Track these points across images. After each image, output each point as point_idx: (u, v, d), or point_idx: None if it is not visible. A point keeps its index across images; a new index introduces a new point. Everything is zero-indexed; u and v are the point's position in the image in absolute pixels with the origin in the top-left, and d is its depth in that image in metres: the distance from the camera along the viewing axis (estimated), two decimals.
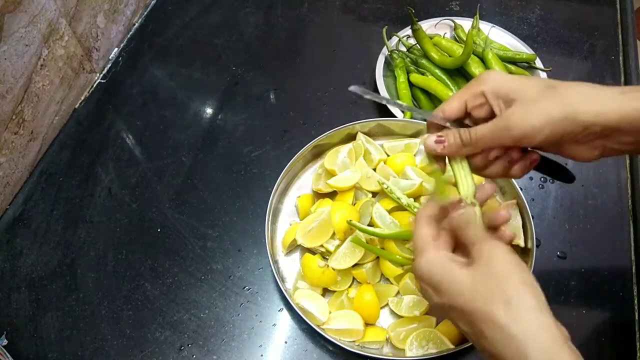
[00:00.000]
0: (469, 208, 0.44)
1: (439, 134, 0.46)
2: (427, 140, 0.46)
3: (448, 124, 0.46)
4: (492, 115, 0.44)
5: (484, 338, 0.36)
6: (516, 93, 0.42)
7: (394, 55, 0.81)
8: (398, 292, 0.61)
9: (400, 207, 0.63)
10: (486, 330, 0.36)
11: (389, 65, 0.83)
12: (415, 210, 0.61)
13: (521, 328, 0.35)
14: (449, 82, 0.78)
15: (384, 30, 0.83)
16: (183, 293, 0.64)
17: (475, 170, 0.47)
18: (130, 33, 0.95)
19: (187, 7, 0.99)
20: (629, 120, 0.40)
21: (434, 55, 0.79)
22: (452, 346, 0.54)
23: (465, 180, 0.46)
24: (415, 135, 0.73)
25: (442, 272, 0.40)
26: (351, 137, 0.72)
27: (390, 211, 0.63)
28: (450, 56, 0.80)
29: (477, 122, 0.45)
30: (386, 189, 0.63)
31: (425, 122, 0.71)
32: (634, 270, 0.63)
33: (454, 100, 0.45)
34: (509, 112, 0.42)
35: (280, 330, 0.61)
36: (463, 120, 0.46)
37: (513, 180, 0.64)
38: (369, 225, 0.61)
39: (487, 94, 0.43)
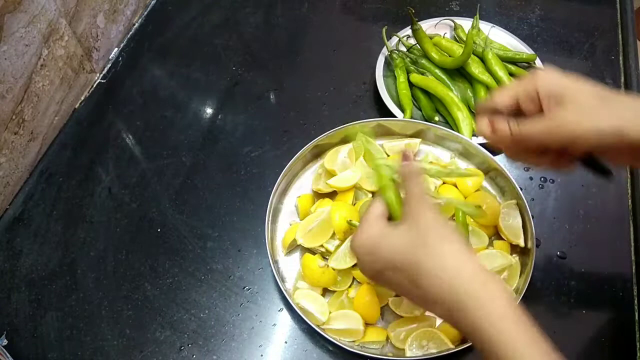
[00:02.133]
0: (416, 163, 0.47)
1: (491, 119, 0.48)
2: (479, 123, 0.48)
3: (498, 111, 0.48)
4: (539, 111, 0.45)
5: (421, 282, 0.41)
6: (569, 96, 0.43)
7: (394, 55, 0.81)
8: None
9: None
10: (421, 277, 0.41)
11: (389, 65, 0.83)
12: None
13: (450, 264, 0.40)
14: (449, 82, 0.78)
15: (384, 30, 0.83)
16: (183, 293, 0.64)
17: (520, 156, 0.49)
18: (130, 33, 0.95)
19: (187, 7, 0.99)
20: None
21: (434, 55, 0.79)
22: (452, 346, 0.54)
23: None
24: (415, 135, 0.73)
25: (378, 235, 0.44)
26: (351, 137, 0.72)
27: None
28: (450, 56, 0.80)
29: (523, 115, 0.47)
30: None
31: (425, 123, 0.72)
32: (634, 270, 0.63)
33: (506, 92, 0.47)
34: (562, 115, 0.43)
35: (280, 330, 0.61)
36: (511, 113, 0.48)
37: (513, 180, 0.64)
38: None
39: (540, 92, 0.45)
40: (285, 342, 0.60)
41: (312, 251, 0.63)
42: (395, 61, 0.81)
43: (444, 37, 0.83)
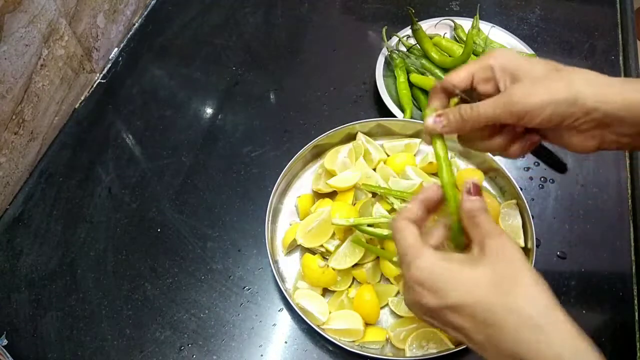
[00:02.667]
0: (476, 198, 0.42)
1: (439, 112, 0.45)
2: (427, 120, 0.45)
3: (457, 91, 0.46)
4: (496, 92, 0.44)
5: (501, 331, 0.35)
6: (523, 71, 0.42)
7: (394, 55, 0.81)
8: (398, 292, 0.61)
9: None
10: (508, 322, 0.35)
11: (389, 65, 0.83)
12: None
13: (546, 321, 0.35)
14: None
15: (384, 30, 0.83)
16: (183, 293, 0.64)
17: (473, 142, 0.47)
18: (130, 33, 0.95)
19: (187, 7, 0.99)
20: (631, 108, 0.40)
21: (434, 55, 0.79)
22: (452, 346, 0.54)
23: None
24: (415, 135, 0.73)
25: (446, 273, 0.39)
26: (351, 137, 0.72)
27: (390, 211, 0.62)
28: (450, 56, 0.80)
29: (481, 98, 0.45)
30: (382, 192, 0.63)
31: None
32: (634, 270, 0.63)
33: (462, 70, 0.46)
34: (513, 87, 0.42)
35: (280, 330, 0.61)
36: (469, 91, 0.46)
37: (513, 180, 0.64)
38: (368, 225, 0.61)
39: (495, 68, 0.44)
40: (285, 342, 0.60)
41: (312, 251, 0.63)
42: (395, 61, 0.81)
43: (444, 37, 0.83)
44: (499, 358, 0.36)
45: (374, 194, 0.66)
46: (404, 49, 0.84)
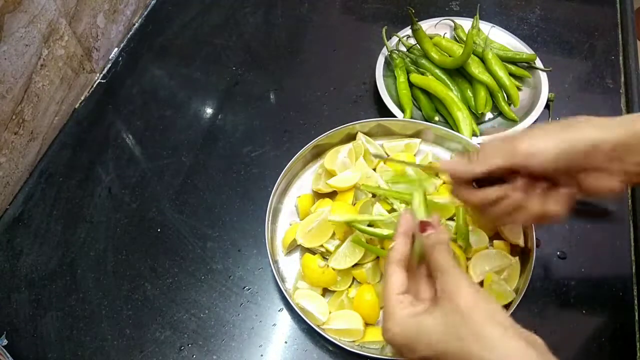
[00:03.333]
0: (441, 230, 0.44)
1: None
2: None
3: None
4: None
5: None
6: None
7: (394, 55, 0.81)
8: None
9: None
10: None
11: (389, 65, 0.83)
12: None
13: (496, 356, 0.36)
14: (448, 82, 0.78)
15: (384, 30, 0.83)
16: (183, 293, 0.64)
17: (514, 216, 0.48)
18: (130, 33, 0.95)
19: (187, 7, 0.99)
20: (636, 136, 0.41)
21: (434, 55, 0.79)
22: None
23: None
24: (415, 135, 0.73)
25: (414, 328, 0.40)
26: (351, 137, 0.72)
27: (390, 211, 0.62)
28: (450, 56, 0.80)
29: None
30: (381, 194, 0.63)
31: (425, 123, 0.72)
32: (634, 271, 0.63)
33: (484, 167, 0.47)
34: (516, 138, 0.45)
35: (280, 330, 0.61)
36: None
37: None
38: (369, 225, 0.61)
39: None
40: (285, 342, 0.60)
41: (312, 251, 0.63)
42: (395, 61, 0.81)
43: (444, 37, 0.83)
44: None
45: (374, 194, 0.66)
46: (404, 49, 0.84)
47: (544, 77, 0.78)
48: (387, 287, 0.43)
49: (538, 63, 0.80)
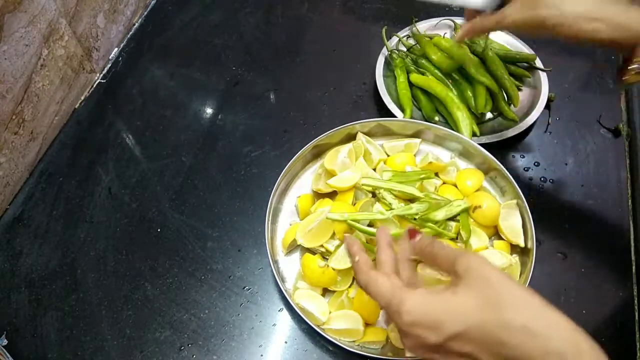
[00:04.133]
0: (418, 238, 0.44)
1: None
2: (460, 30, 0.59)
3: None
4: None
5: (506, 346, 0.36)
6: None
7: (394, 55, 0.81)
8: None
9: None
10: (509, 337, 0.35)
11: (389, 65, 0.83)
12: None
13: (543, 323, 0.35)
14: (448, 82, 0.78)
15: (384, 30, 0.83)
16: (183, 293, 0.64)
17: None
18: (130, 33, 0.95)
19: (187, 7, 0.99)
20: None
21: (434, 57, 0.79)
22: None
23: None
24: (415, 135, 0.73)
25: (439, 306, 0.39)
26: (351, 137, 0.72)
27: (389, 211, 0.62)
28: (451, 58, 0.80)
29: None
30: (379, 194, 0.63)
31: (425, 123, 0.72)
32: (634, 270, 0.63)
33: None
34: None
35: (280, 330, 0.61)
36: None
37: (513, 180, 0.64)
38: (369, 225, 0.61)
39: None
40: (285, 342, 0.60)
41: (312, 251, 0.63)
42: (395, 61, 0.81)
43: (443, 37, 0.83)
44: None
45: (374, 194, 0.66)
46: (404, 48, 0.84)
47: (544, 77, 0.78)
48: (378, 287, 0.42)
49: (538, 63, 0.80)
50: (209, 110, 0.83)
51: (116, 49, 0.92)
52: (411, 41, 0.83)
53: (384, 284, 0.42)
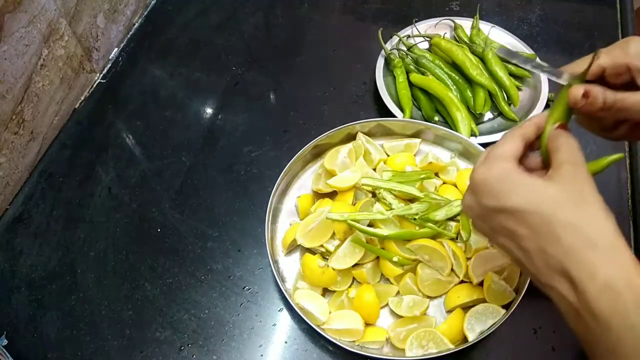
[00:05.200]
0: (563, 130, 0.42)
1: (587, 87, 0.43)
2: (573, 89, 0.43)
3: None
4: (626, 84, 0.43)
5: (555, 244, 0.35)
6: None
7: (392, 57, 0.81)
8: (398, 292, 0.61)
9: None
10: (564, 236, 0.35)
11: (388, 65, 0.83)
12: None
13: (605, 244, 0.35)
14: (448, 82, 0.78)
15: (380, 32, 0.83)
16: (183, 293, 0.64)
17: (592, 127, 0.47)
18: (130, 33, 0.95)
19: (187, 7, 0.99)
20: None
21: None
22: (452, 346, 0.54)
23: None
24: (415, 135, 0.73)
25: (513, 177, 0.38)
26: (351, 137, 0.72)
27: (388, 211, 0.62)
28: (451, 59, 0.80)
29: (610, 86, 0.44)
30: (379, 194, 0.63)
31: (425, 123, 0.72)
32: None
33: (594, 66, 0.44)
34: None
35: (280, 330, 0.61)
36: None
37: None
38: (369, 225, 0.61)
39: (633, 68, 0.42)
40: (285, 342, 0.60)
41: (312, 251, 0.63)
42: (393, 62, 0.81)
43: (443, 37, 0.83)
44: (547, 271, 0.36)
45: (374, 194, 0.66)
46: (404, 48, 0.84)
47: (544, 77, 0.78)
48: (499, 144, 0.41)
49: None
50: (209, 110, 0.83)
51: (116, 49, 0.92)
52: (411, 41, 0.83)
53: (504, 146, 0.41)
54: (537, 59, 0.80)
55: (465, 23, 0.86)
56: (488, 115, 0.78)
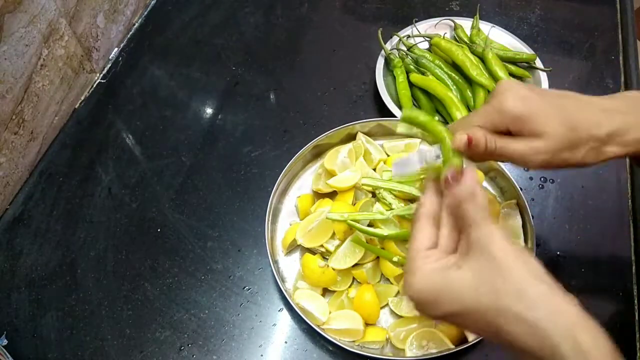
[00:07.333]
0: (470, 180, 0.41)
1: (470, 133, 0.44)
2: (458, 135, 0.44)
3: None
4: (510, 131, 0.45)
5: (502, 332, 0.35)
6: (538, 125, 0.43)
7: (392, 57, 0.81)
8: (398, 292, 0.61)
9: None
10: (504, 324, 0.35)
11: (388, 65, 0.83)
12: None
13: (540, 314, 0.34)
14: (448, 82, 0.78)
15: (379, 32, 0.83)
16: (183, 293, 0.64)
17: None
18: (130, 33, 0.95)
19: (187, 7, 0.99)
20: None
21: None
22: (452, 346, 0.54)
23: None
24: (415, 135, 0.73)
25: (439, 283, 0.37)
26: (351, 137, 0.72)
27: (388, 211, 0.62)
28: (453, 62, 0.80)
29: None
30: (379, 194, 0.63)
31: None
32: (634, 271, 0.63)
33: (474, 129, 0.44)
34: (538, 145, 0.43)
35: (280, 330, 0.61)
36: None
37: (513, 180, 0.64)
38: (369, 225, 0.61)
39: (507, 122, 0.44)
40: (285, 342, 0.60)
41: (312, 251, 0.63)
42: (393, 62, 0.81)
43: (443, 37, 0.83)
44: (512, 350, 0.35)
45: (374, 194, 0.66)
46: (404, 48, 0.84)
47: (544, 77, 0.78)
48: (413, 242, 0.41)
49: (538, 63, 0.80)
50: (209, 110, 0.83)
51: (116, 49, 0.92)
52: (411, 41, 0.83)
53: (415, 243, 0.41)
54: (537, 60, 0.80)
55: (465, 23, 0.86)
56: None
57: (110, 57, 0.91)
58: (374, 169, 0.69)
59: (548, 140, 0.43)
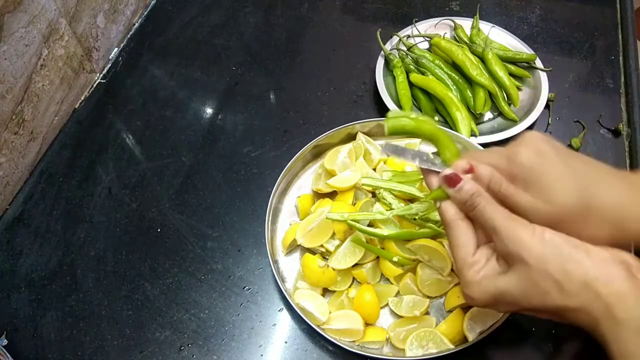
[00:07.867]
0: (471, 184, 0.41)
1: (473, 164, 0.42)
2: (459, 162, 0.43)
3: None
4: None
5: (563, 318, 0.40)
6: (545, 186, 0.41)
7: (392, 57, 0.81)
8: (398, 292, 0.61)
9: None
10: (560, 315, 0.40)
11: (388, 65, 0.83)
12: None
13: (581, 300, 0.38)
14: (448, 82, 0.78)
15: (378, 32, 0.83)
16: (183, 293, 0.64)
17: None
18: (130, 33, 0.95)
19: (187, 7, 0.99)
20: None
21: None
22: (452, 346, 0.54)
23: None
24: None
25: (493, 292, 0.41)
26: (351, 137, 0.72)
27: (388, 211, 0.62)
28: (452, 62, 0.80)
29: None
30: (379, 194, 0.63)
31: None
32: None
33: (483, 165, 0.43)
34: (546, 208, 0.40)
35: (280, 330, 0.61)
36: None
37: None
38: (369, 225, 0.61)
39: (518, 175, 0.42)
40: (285, 342, 0.60)
41: (312, 251, 0.63)
42: (393, 62, 0.81)
43: (443, 37, 0.83)
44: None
45: (374, 194, 0.66)
46: (404, 48, 0.84)
47: (544, 77, 0.78)
48: (457, 252, 0.42)
49: (538, 63, 0.80)
50: (209, 110, 0.83)
51: (116, 49, 0.92)
52: (411, 41, 0.83)
53: (459, 251, 0.43)
54: (537, 60, 0.80)
55: (465, 23, 0.86)
56: (488, 115, 0.78)
57: (110, 57, 0.91)
58: (374, 169, 0.69)
59: (554, 207, 0.40)
